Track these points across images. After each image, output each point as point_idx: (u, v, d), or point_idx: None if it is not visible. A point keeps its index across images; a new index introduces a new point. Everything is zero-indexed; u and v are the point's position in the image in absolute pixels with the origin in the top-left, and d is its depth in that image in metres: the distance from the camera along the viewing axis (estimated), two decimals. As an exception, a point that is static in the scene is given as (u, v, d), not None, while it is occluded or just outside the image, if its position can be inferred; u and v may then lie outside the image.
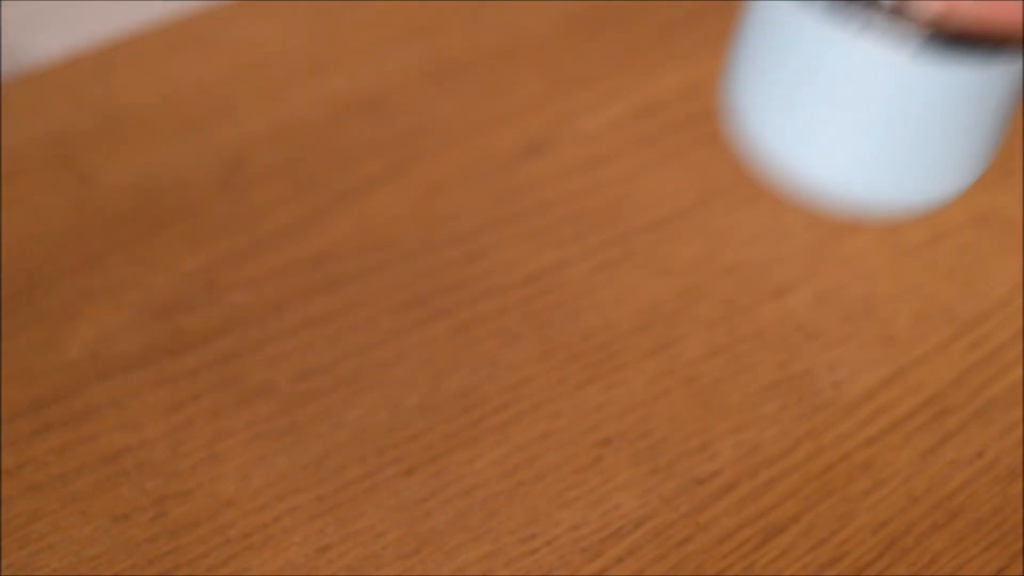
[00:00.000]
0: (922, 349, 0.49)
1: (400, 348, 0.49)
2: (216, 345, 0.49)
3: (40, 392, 0.47)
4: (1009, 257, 0.53)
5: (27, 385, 0.48)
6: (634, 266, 0.52)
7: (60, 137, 0.58)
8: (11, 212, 0.54)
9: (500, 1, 0.66)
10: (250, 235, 0.54)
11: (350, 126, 0.59)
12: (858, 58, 0.34)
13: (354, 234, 0.54)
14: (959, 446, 0.46)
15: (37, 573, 0.42)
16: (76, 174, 0.56)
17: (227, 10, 0.65)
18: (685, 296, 0.51)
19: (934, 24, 0.33)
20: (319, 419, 0.47)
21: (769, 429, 0.46)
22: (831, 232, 0.54)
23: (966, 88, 0.35)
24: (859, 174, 0.37)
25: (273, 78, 0.61)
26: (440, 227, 0.54)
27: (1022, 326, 0.50)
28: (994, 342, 0.50)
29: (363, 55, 0.63)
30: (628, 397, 0.48)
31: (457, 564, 0.43)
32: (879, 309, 0.51)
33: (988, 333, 0.50)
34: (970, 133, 0.36)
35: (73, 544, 0.43)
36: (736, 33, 0.37)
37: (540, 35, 0.64)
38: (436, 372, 0.48)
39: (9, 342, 0.49)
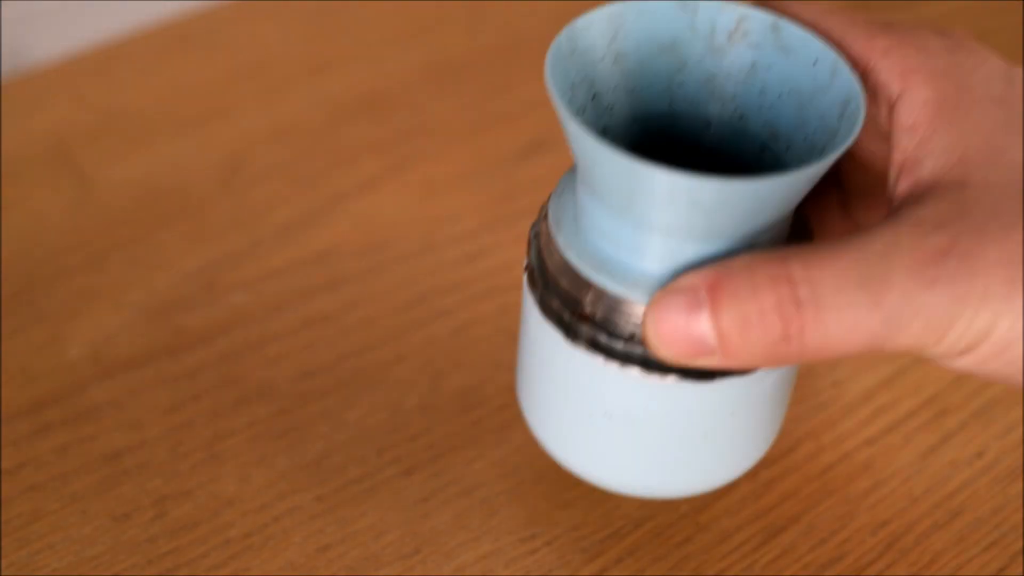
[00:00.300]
0: (922, 349, 0.49)
1: (400, 348, 0.49)
2: (216, 345, 0.49)
3: (40, 392, 0.47)
4: (1009, 257, 0.53)
5: (27, 385, 0.48)
6: (634, 266, 0.52)
7: (60, 137, 0.58)
8: (11, 212, 0.54)
9: (500, 1, 0.66)
10: (250, 235, 0.54)
11: (350, 126, 0.59)
12: (623, 386, 0.38)
13: (354, 234, 0.54)
14: (959, 446, 0.46)
15: (37, 573, 0.42)
16: (76, 174, 0.56)
17: (227, 10, 0.65)
18: (685, 296, 0.51)
19: (681, 367, 0.37)
20: (319, 419, 0.47)
21: (769, 429, 0.46)
22: (831, 232, 0.54)
23: (729, 398, 0.38)
24: (637, 478, 0.42)
25: (273, 78, 0.61)
26: (440, 227, 0.54)
27: (1022, 326, 0.50)
28: (994, 342, 0.50)
29: (363, 55, 0.63)
30: (628, 397, 0.48)
31: (457, 564, 0.43)
32: (879, 309, 0.51)
33: (988, 333, 0.50)
34: (744, 431, 0.40)
35: (73, 544, 0.43)
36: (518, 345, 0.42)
37: (540, 35, 0.64)
38: (436, 372, 0.48)
39: (9, 342, 0.49)
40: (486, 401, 0.47)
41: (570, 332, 0.37)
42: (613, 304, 0.36)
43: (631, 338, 0.36)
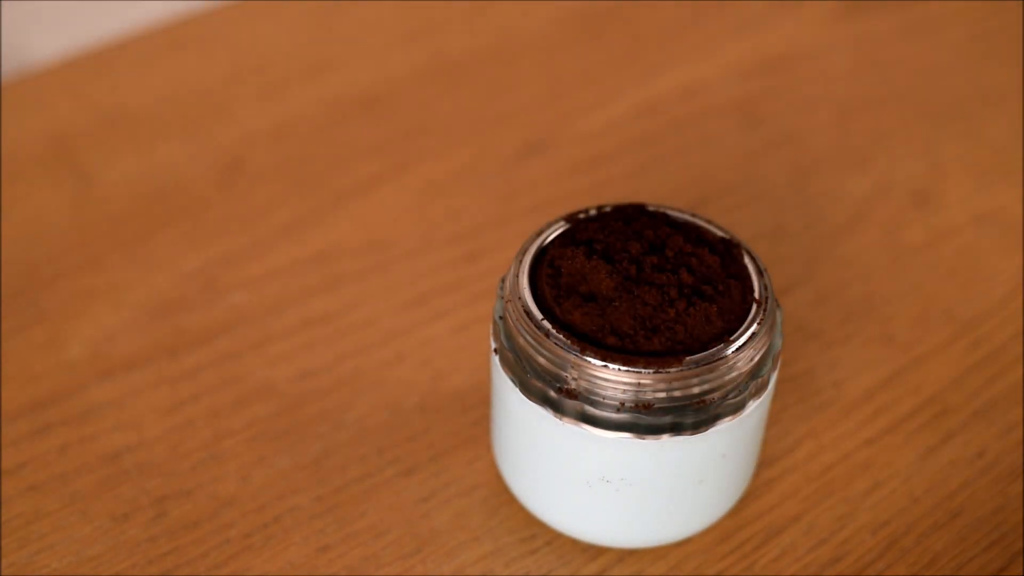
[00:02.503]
0: (922, 349, 0.49)
1: (400, 348, 0.49)
2: (216, 345, 0.49)
3: (40, 392, 0.47)
4: (1009, 257, 0.53)
5: (27, 385, 0.48)
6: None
7: (60, 137, 0.58)
8: (11, 212, 0.54)
9: (500, 1, 0.66)
10: (250, 235, 0.54)
11: (350, 126, 0.59)
12: (618, 452, 0.39)
13: (354, 234, 0.54)
14: (959, 446, 0.46)
15: (37, 573, 0.42)
16: (76, 174, 0.56)
17: (227, 10, 0.65)
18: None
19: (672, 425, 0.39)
20: (319, 419, 0.47)
21: (769, 429, 0.46)
22: (831, 232, 0.54)
23: (720, 442, 0.40)
24: (640, 533, 0.43)
25: (273, 78, 0.61)
26: (440, 227, 0.54)
27: (1022, 326, 0.50)
28: (994, 342, 0.50)
29: (363, 55, 0.63)
30: (628, 397, 0.48)
31: (457, 564, 0.43)
32: (879, 309, 0.51)
33: (988, 333, 0.50)
34: (734, 469, 0.42)
35: (73, 544, 0.43)
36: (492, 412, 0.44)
37: (540, 35, 0.64)
38: (436, 372, 0.48)
39: (9, 342, 0.49)
40: (486, 401, 0.47)
41: (558, 408, 0.38)
42: (597, 375, 0.37)
43: (621, 406, 0.37)
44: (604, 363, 0.37)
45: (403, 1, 0.65)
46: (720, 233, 0.41)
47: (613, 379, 0.37)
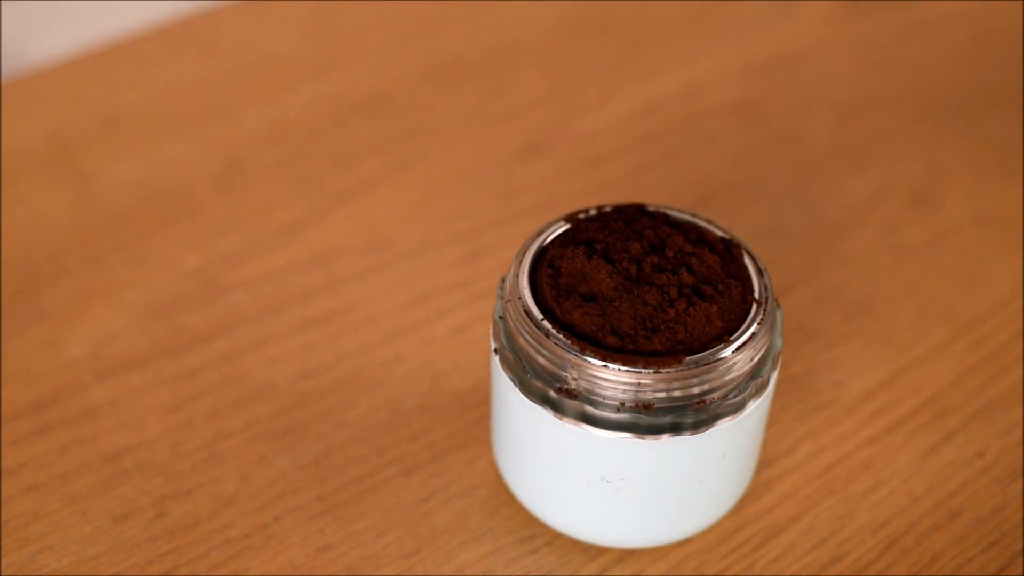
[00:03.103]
0: (922, 349, 0.49)
1: (400, 348, 0.49)
2: (216, 345, 0.49)
3: (40, 392, 0.47)
4: (1009, 257, 0.53)
5: (27, 385, 0.48)
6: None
7: (60, 137, 0.58)
8: (11, 212, 0.54)
9: (500, 1, 0.66)
10: (250, 235, 0.54)
11: (350, 126, 0.59)
12: (618, 452, 0.39)
13: (354, 234, 0.54)
14: (959, 446, 0.46)
15: (37, 573, 0.42)
16: (76, 174, 0.56)
17: (227, 10, 0.65)
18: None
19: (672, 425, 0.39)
20: (319, 419, 0.47)
21: (769, 429, 0.46)
22: (831, 232, 0.54)
23: (720, 442, 0.40)
24: (641, 533, 0.43)
25: (273, 78, 0.61)
26: (440, 227, 0.54)
27: (1022, 326, 0.50)
28: (994, 342, 0.50)
29: (363, 55, 0.63)
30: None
31: (457, 564, 0.43)
32: (879, 309, 0.51)
33: (988, 333, 0.50)
34: (734, 468, 0.42)
35: (73, 544, 0.43)
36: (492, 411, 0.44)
37: (540, 35, 0.64)
38: (436, 372, 0.48)
39: (9, 342, 0.49)
40: (486, 401, 0.47)
41: (558, 408, 0.38)
42: (597, 375, 0.37)
43: (621, 406, 0.37)
44: (604, 363, 0.37)
45: (403, 1, 0.65)
46: (720, 233, 0.41)
47: (613, 379, 0.37)
